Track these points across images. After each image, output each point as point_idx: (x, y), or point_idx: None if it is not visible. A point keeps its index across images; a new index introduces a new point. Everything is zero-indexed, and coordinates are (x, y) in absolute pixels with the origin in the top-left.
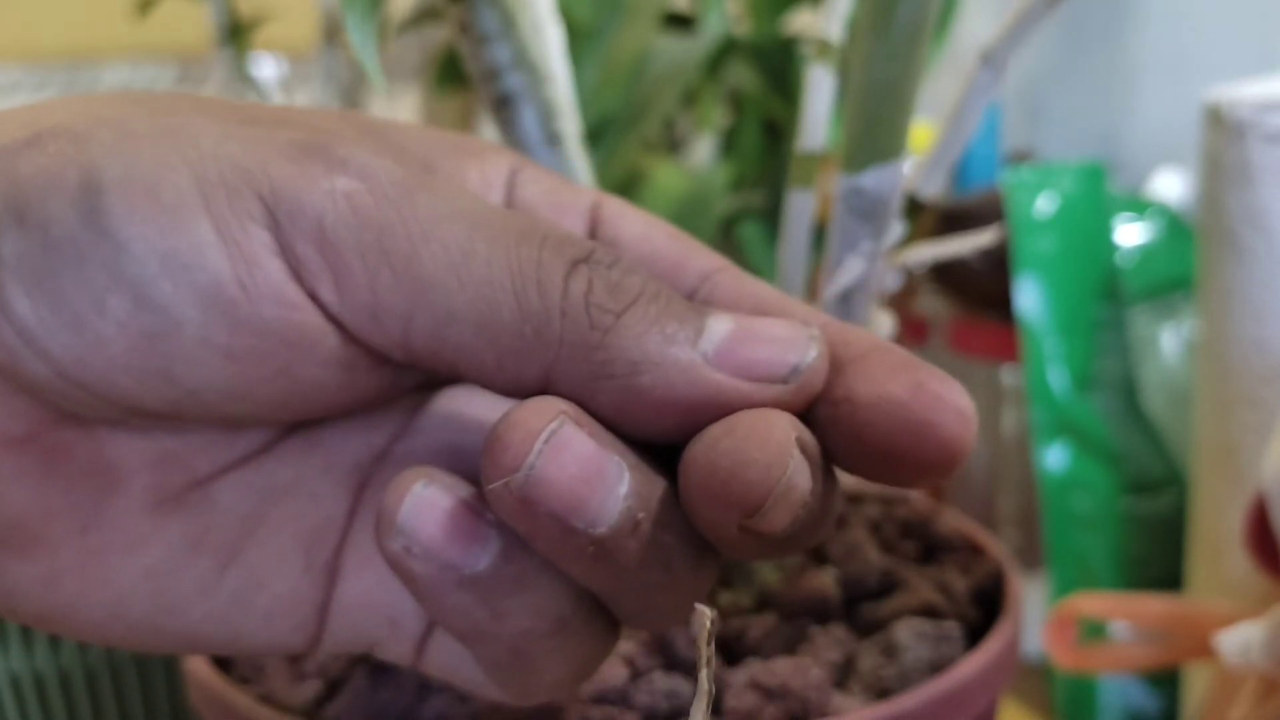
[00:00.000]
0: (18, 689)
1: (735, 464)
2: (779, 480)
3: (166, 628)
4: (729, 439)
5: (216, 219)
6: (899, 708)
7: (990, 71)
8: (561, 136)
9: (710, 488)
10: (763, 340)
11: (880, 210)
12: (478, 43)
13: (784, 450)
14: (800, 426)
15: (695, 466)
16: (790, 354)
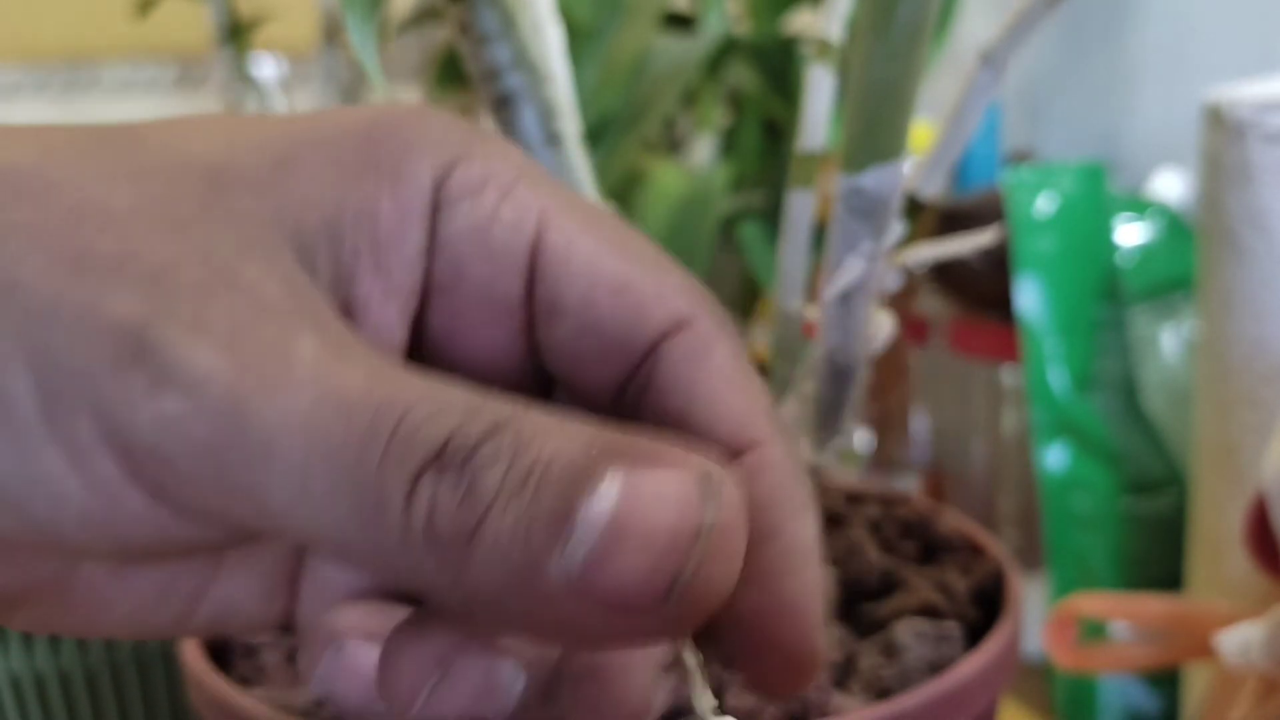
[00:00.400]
0: (18, 689)
1: None
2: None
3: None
4: (588, 690)
5: (65, 446)
6: (899, 707)
7: (990, 71)
8: (561, 136)
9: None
10: (637, 540)
11: (880, 210)
12: (478, 43)
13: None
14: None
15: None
16: (666, 562)
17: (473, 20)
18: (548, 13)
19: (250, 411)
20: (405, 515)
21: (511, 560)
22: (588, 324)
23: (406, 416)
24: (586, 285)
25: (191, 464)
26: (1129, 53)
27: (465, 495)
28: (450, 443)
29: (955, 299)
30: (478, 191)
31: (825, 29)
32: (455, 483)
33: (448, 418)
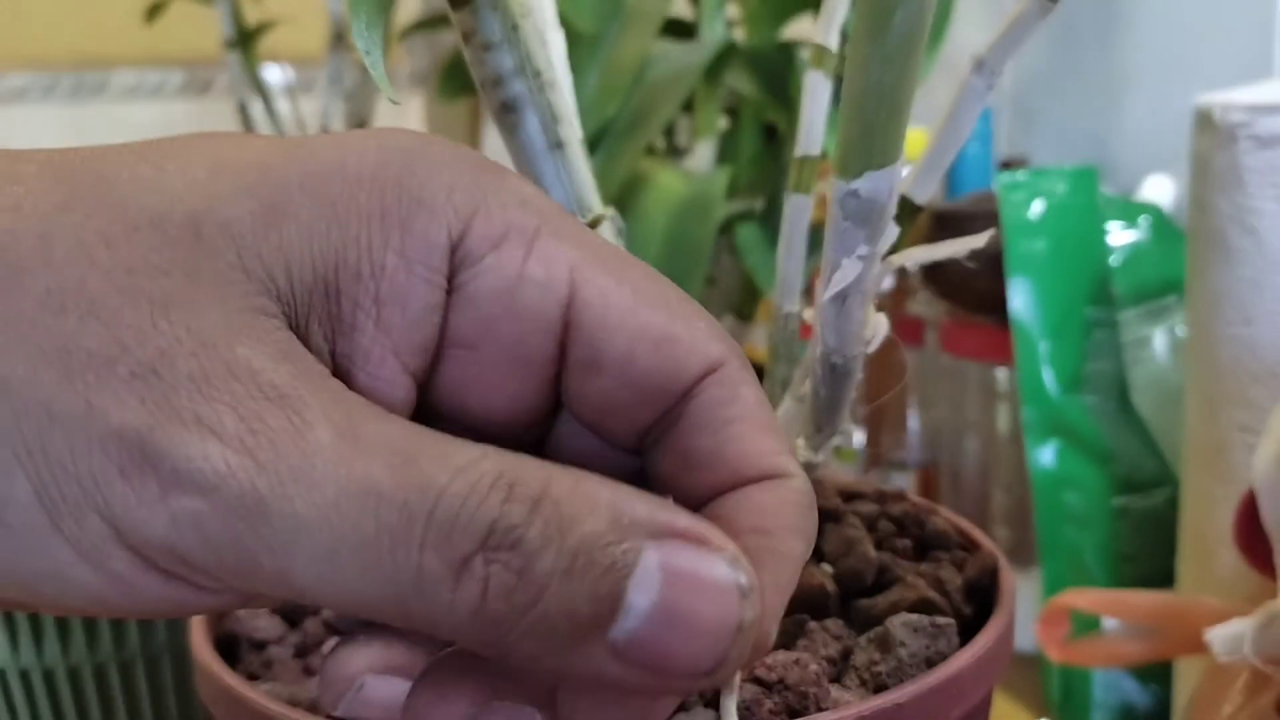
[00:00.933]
0: (27, 683)
1: None
2: None
3: None
4: None
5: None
6: (894, 701)
7: (983, 78)
8: (564, 142)
9: None
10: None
11: (876, 214)
12: (481, 49)
13: None
14: None
15: None
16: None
17: (476, 27)
18: (551, 20)
19: (272, 508)
20: (454, 595)
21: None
22: (627, 379)
23: (441, 501)
24: (627, 340)
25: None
26: (1120, 59)
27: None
28: (497, 526)
29: (948, 301)
30: (499, 245)
31: (823, 36)
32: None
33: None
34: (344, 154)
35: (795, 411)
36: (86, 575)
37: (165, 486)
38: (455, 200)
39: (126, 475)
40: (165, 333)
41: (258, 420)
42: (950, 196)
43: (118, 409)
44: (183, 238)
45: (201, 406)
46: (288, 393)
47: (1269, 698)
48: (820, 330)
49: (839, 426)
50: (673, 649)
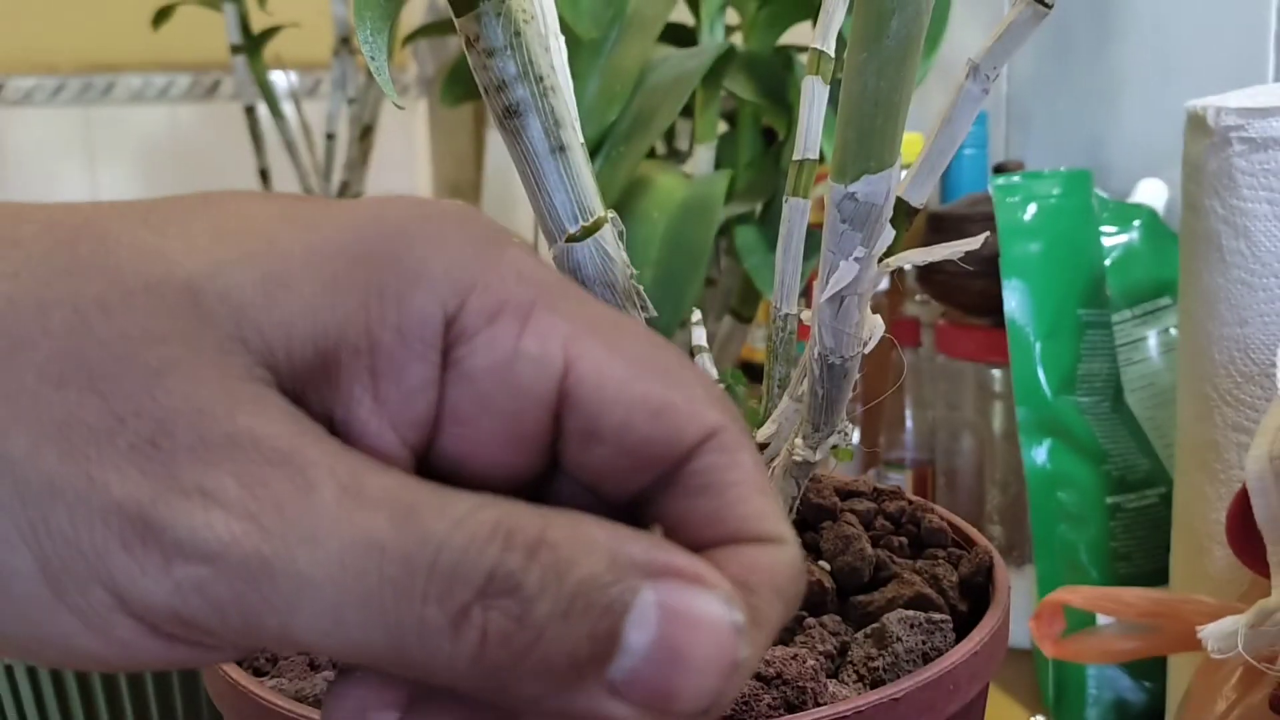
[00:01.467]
0: (34, 677)
1: None
2: None
3: None
4: None
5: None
6: (891, 696)
7: (978, 82)
8: (567, 146)
9: None
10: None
11: (872, 217)
12: (485, 55)
13: None
14: None
15: None
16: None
17: (480, 33)
18: (553, 26)
19: (276, 569)
20: (453, 643)
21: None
22: (626, 447)
23: (441, 552)
24: (624, 411)
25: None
26: (1114, 64)
27: (519, 624)
28: (495, 574)
29: (944, 302)
30: (494, 320)
31: (821, 41)
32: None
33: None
34: (344, 228)
35: (793, 411)
36: (91, 642)
37: (168, 556)
38: (451, 276)
39: (129, 547)
40: (163, 403)
41: (261, 485)
42: (946, 199)
43: (119, 482)
44: (181, 305)
45: (203, 475)
46: (290, 454)
47: (1262, 694)
48: (818, 331)
49: (836, 426)
50: (670, 686)
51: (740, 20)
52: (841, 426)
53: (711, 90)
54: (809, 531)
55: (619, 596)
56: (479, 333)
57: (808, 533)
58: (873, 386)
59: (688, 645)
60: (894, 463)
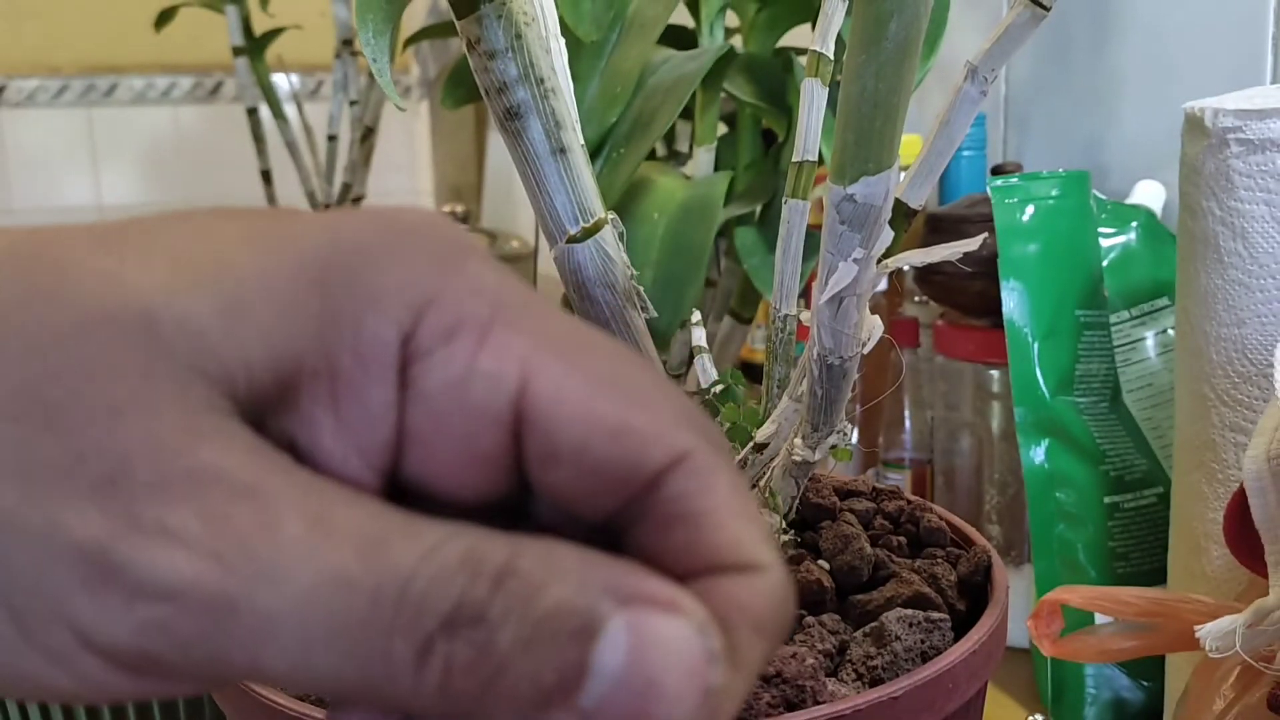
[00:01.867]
0: None
1: None
2: None
3: None
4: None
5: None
6: (890, 694)
7: (977, 84)
8: (567, 148)
9: None
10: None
11: (871, 218)
12: (486, 58)
13: None
14: None
15: None
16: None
17: (481, 35)
18: (553, 28)
19: (241, 606)
20: (418, 675)
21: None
22: (585, 468)
23: (409, 585)
24: (582, 432)
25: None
26: (1112, 65)
27: (481, 654)
28: (460, 605)
29: (942, 303)
30: (450, 339)
31: (820, 44)
32: (470, 642)
33: (451, 579)
34: (304, 249)
35: (792, 411)
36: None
37: (130, 596)
38: (406, 296)
39: (90, 587)
40: (122, 440)
41: (224, 521)
42: (944, 201)
43: (78, 522)
44: (138, 336)
45: (163, 513)
46: (254, 488)
47: (1260, 693)
48: (817, 331)
49: (835, 426)
50: (641, 713)
51: (740, 23)
52: (840, 426)
53: (711, 92)
54: (808, 531)
55: (589, 622)
56: (435, 351)
57: (807, 532)
58: (872, 387)
59: (659, 671)
60: (893, 462)
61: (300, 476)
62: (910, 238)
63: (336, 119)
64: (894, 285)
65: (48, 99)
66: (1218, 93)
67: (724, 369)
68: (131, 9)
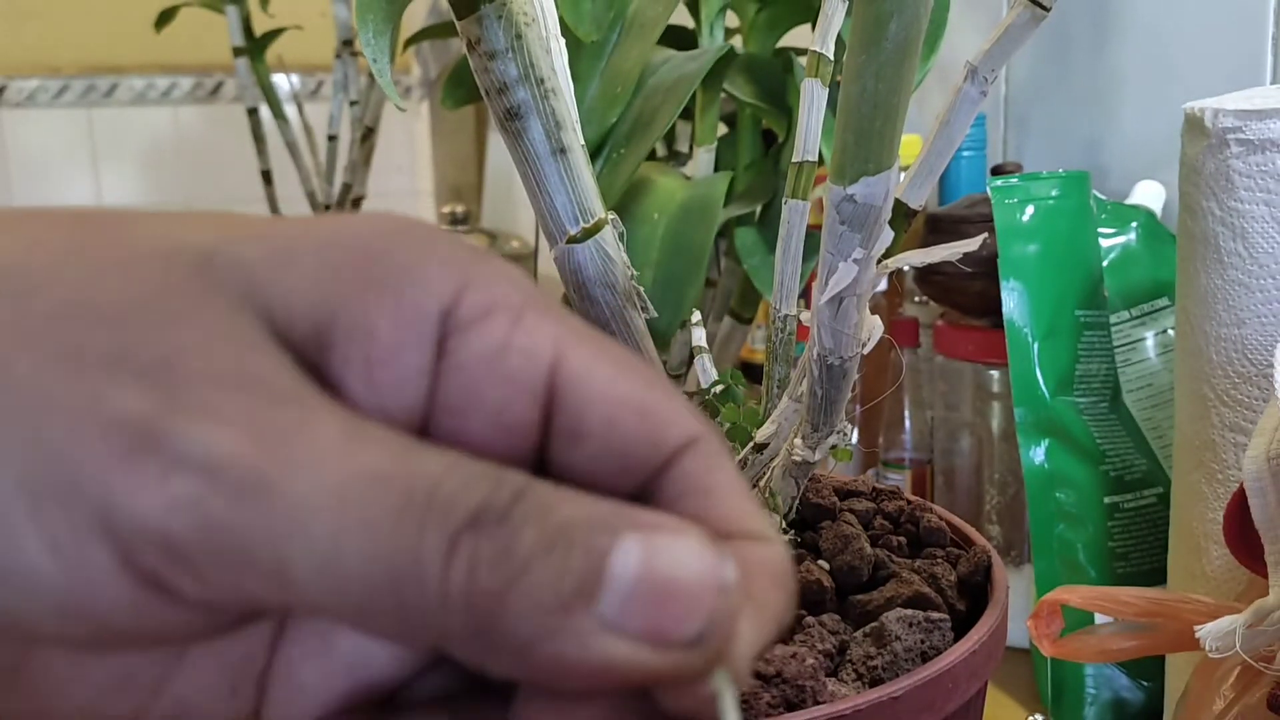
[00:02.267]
0: None
1: None
2: None
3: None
4: None
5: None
6: (890, 694)
7: (976, 84)
8: (567, 148)
9: None
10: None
11: (871, 219)
12: (486, 58)
13: None
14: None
15: None
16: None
17: (481, 35)
18: (554, 29)
19: (276, 489)
20: (444, 573)
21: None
22: (609, 446)
23: (438, 486)
24: (609, 409)
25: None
26: (1112, 66)
27: (504, 552)
28: (485, 506)
29: (942, 303)
30: (487, 317)
31: (820, 44)
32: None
33: (476, 485)
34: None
35: (792, 411)
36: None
37: (167, 468)
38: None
39: (127, 458)
40: (173, 339)
41: (266, 414)
42: (944, 201)
43: (123, 399)
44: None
45: (210, 397)
46: (296, 396)
47: (1260, 693)
48: (817, 332)
49: (835, 426)
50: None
51: (740, 23)
52: (840, 426)
53: (711, 92)
54: (808, 531)
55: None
56: (472, 325)
57: (807, 532)
58: (871, 387)
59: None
60: (893, 463)
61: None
62: (910, 238)
63: (337, 119)
64: (894, 285)
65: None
66: (1218, 93)
67: (724, 369)
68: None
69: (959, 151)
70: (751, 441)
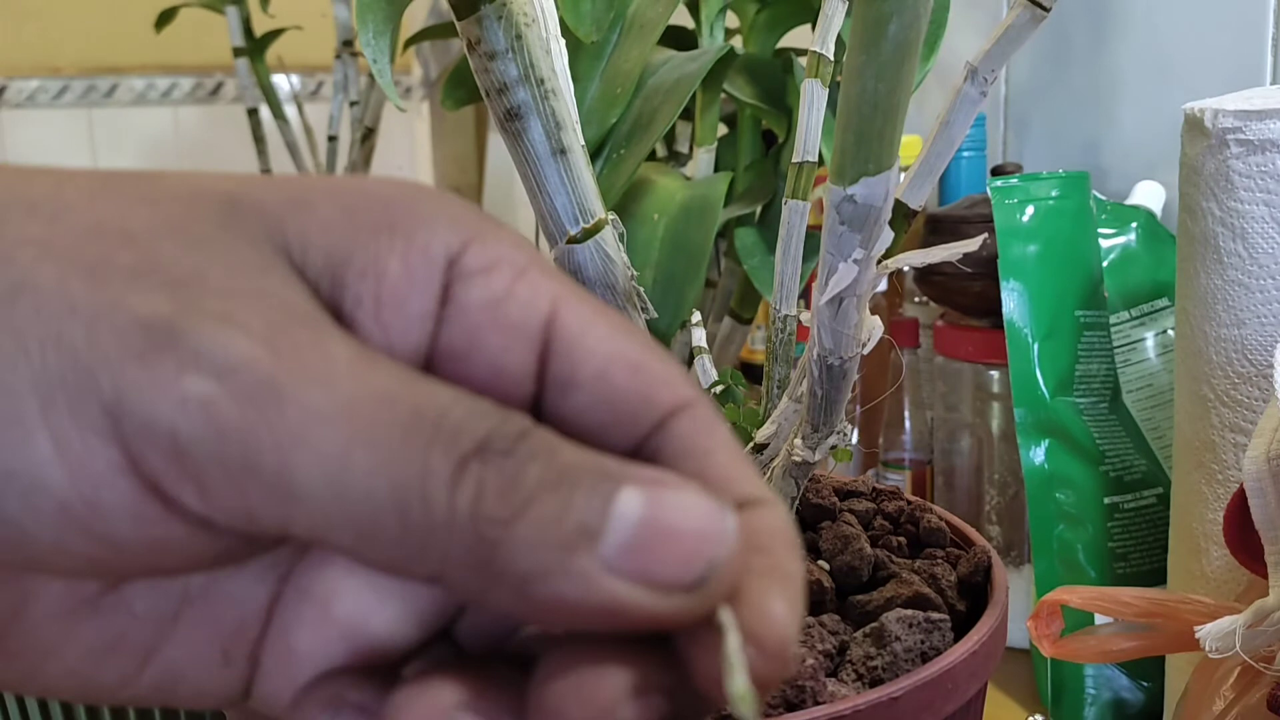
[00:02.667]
0: None
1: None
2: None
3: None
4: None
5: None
6: (890, 695)
7: (976, 85)
8: (568, 149)
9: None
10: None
11: (871, 219)
12: (486, 58)
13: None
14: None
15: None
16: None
17: (481, 36)
18: (554, 29)
19: (288, 396)
20: (451, 497)
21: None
22: (602, 397)
23: (446, 412)
24: (602, 361)
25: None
26: (1112, 66)
27: (512, 482)
28: (492, 437)
29: (942, 304)
30: (492, 269)
31: (820, 45)
32: (501, 470)
33: (485, 418)
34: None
35: (792, 412)
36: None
37: (182, 365)
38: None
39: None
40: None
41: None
42: (944, 202)
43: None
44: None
45: (230, 306)
46: (311, 318)
47: (1260, 694)
48: (817, 332)
49: (835, 426)
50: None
51: (740, 23)
52: (840, 427)
53: (711, 93)
54: (808, 531)
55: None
56: (477, 274)
57: (807, 532)
58: (871, 387)
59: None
60: (892, 463)
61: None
62: (910, 238)
63: (337, 119)
64: (894, 285)
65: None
66: (1217, 93)
67: (724, 369)
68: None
69: (959, 152)
70: (751, 442)
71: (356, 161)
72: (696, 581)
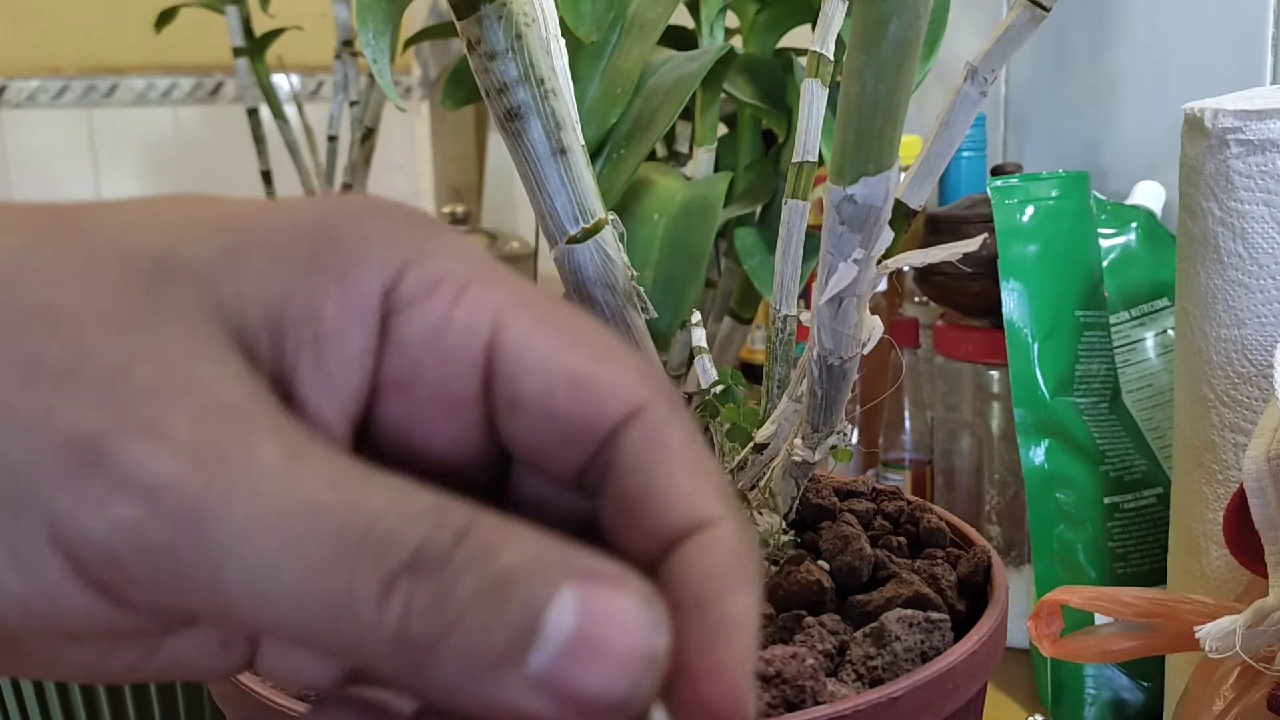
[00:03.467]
0: None
1: None
2: None
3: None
4: None
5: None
6: (890, 695)
7: (976, 85)
8: (568, 149)
9: None
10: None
11: (871, 219)
12: (486, 58)
13: None
14: None
15: None
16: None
17: (481, 36)
18: (554, 29)
19: (211, 516)
20: (378, 614)
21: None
22: (547, 417)
23: (376, 521)
24: (544, 381)
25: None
26: (1112, 66)
27: (441, 599)
28: (423, 549)
29: (942, 304)
30: (430, 293)
31: (820, 45)
32: (429, 588)
33: (417, 524)
34: (293, 214)
35: (792, 412)
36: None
37: (110, 489)
38: (390, 253)
39: (74, 477)
40: (125, 348)
41: (209, 432)
42: (944, 202)
43: (74, 414)
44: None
45: (156, 414)
46: (240, 411)
47: (1259, 693)
48: (817, 332)
49: (835, 426)
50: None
51: (740, 23)
52: (840, 427)
53: (711, 93)
54: (808, 531)
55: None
56: (414, 303)
57: (807, 532)
58: (871, 387)
59: (605, 637)
60: (892, 463)
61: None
62: (910, 238)
63: (337, 119)
64: (894, 285)
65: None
66: (1217, 93)
67: (724, 369)
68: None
69: (959, 152)
70: (751, 442)
71: (356, 161)
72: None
